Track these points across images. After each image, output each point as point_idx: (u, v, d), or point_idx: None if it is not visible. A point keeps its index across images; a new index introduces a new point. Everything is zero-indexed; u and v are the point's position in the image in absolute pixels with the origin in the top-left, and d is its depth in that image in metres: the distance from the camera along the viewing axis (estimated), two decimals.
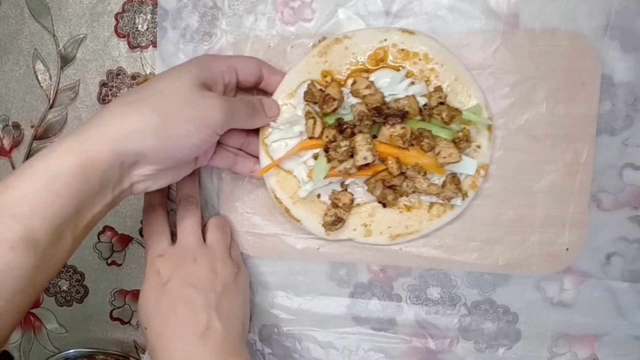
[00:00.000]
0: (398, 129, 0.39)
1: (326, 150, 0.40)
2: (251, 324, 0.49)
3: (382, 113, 0.39)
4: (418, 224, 0.43)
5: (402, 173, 0.41)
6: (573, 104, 0.40)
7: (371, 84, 0.41)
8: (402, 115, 0.39)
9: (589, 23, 0.40)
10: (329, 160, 0.40)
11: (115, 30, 0.49)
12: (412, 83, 0.41)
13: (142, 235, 0.51)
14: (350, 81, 0.41)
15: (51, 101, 0.51)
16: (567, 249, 0.42)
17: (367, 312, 0.47)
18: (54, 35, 0.50)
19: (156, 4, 0.47)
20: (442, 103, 0.40)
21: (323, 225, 0.43)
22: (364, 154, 0.39)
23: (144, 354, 0.53)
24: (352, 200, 0.42)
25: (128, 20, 0.48)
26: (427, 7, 0.42)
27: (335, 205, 0.43)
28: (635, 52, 0.40)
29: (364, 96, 0.40)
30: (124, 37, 0.49)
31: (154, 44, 0.48)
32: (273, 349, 0.48)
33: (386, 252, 0.45)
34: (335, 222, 0.42)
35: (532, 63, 0.41)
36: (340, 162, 0.40)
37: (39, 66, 0.50)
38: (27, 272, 0.28)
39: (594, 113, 0.40)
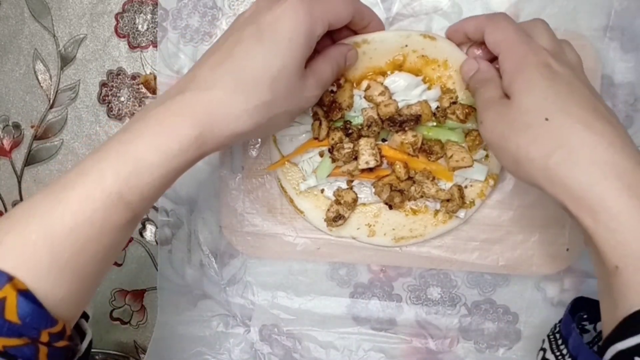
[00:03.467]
0: (409, 137, 0.39)
1: (331, 150, 0.40)
2: (251, 324, 0.49)
3: (395, 122, 0.39)
4: (423, 229, 0.43)
5: (410, 178, 0.41)
6: None
7: (385, 90, 0.39)
8: (416, 119, 0.39)
9: (589, 23, 0.40)
10: (334, 161, 0.41)
11: (116, 30, 0.49)
12: (428, 88, 0.40)
13: (141, 235, 0.51)
14: (364, 83, 0.40)
15: (51, 101, 0.51)
16: (567, 249, 0.42)
17: (367, 312, 0.47)
18: (54, 35, 0.50)
19: (156, 4, 0.47)
20: (454, 102, 0.39)
21: (325, 220, 0.43)
22: (366, 159, 0.39)
23: (144, 354, 0.53)
24: (355, 200, 0.42)
25: (128, 21, 0.48)
26: (427, 7, 0.42)
27: (338, 202, 0.43)
28: (635, 53, 0.40)
29: (377, 104, 0.39)
30: (124, 37, 0.48)
31: (154, 44, 0.48)
32: (273, 349, 0.48)
33: (386, 252, 0.45)
34: (336, 219, 0.42)
35: None
36: (345, 163, 0.40)
37: (39, 66, 0.50)
38: (126, 238, 0.31)
39: None
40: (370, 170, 0.41)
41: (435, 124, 0.40)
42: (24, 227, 0.28)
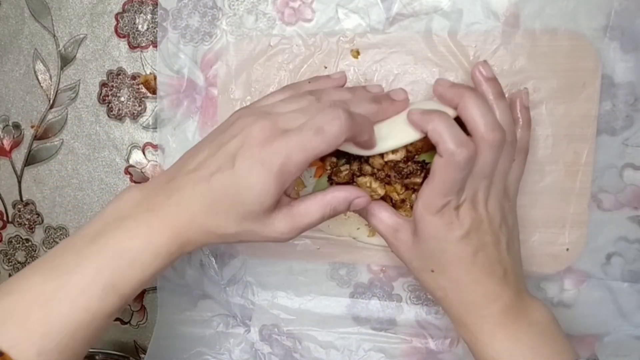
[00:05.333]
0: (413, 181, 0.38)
1: (330, 177, 0.39)
2: (251, 324, 0.49)
3: (402, 173, 0.38)
4: None
5: (409, 188, 0.39)
6: (573, 104, 0.40)
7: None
8: (421, 168, 0.37)
9: (589, 23, 0.40)
10: (332, 183, 0.40)
11: (116, 30, 0.49)
12: None
13: None
14: None
15: (51, 101, 0.51)
16: (567, 249, 0.42)
17: (367, 312, 0.47)
18: (54, 35, 0.50)
19: (156, 4, 0.47)
20: None
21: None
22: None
23: (144, 354, 0.53)
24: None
25: (128, 20, 0.48)
26: (427, 7, 0.42)
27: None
28: (635, 52, 0.40)
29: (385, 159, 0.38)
30: (124, 37, 0.49)
31: (154, 44, 0.48)
32: (273, 349, 0.48)
33: (386, 252, 0.45)
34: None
35: (532, 63, 0.41)
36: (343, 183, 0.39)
37: (39, 66, 0.50)
38: (111, 321, 0.34)
39: (594, 113, 0.40)
40: None
41: None
42: (24, 312, 0.31)
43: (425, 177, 0.37)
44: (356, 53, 0.43)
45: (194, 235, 0.33)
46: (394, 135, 0.36)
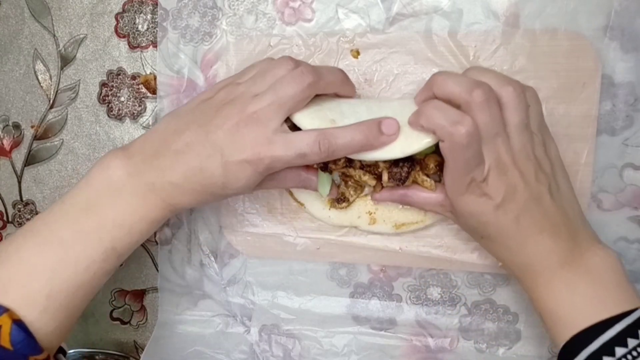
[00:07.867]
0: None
1: (323, 169, 0.39)
2: (251, 324, 0.49)
3: (400, 179, 0.38)
4: (423, 214, 0.43)
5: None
6: (573, 104, 0.40)
7: None
8: (413, 164, 0.38)
9: (589, 23, 0.40)
10: (331, 172, 0.40)
11: (116, 30, 0.49)
12: None
13: None
14: None
15: (51, 101, 0.51)
16: None
17: (367, 312, 0.47)
18: (54, 35, 0.50)
19: (156, 4, 0.47)
20: None
21: (328, 201, 0.43)
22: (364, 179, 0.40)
23: None
24: (361, 186, 0.42)
25: (128, 20, 0.48)
26: (427, 7, 0.42)
27: (345, 183, 0.42)
28: (635, 53, 0.40)
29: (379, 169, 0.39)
30: (124, 37, 0.49)
31: (154, 44, 0.48)
32: (273, 349, 0.48)
33: (386, 252, 0.45)
34: (340, 200, 0.42)
35: (532, 63, 0.41)
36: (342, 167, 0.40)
37: (39, 66, 0.50)
38: (109, 277, 0.38)
39: (594, 113, 0.40)
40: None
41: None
42: (27, 278, 0.34)
43: (413, 168, 0.38)
44: (356, 53, 0.44)
45: (180, 201, 0.37)
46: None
